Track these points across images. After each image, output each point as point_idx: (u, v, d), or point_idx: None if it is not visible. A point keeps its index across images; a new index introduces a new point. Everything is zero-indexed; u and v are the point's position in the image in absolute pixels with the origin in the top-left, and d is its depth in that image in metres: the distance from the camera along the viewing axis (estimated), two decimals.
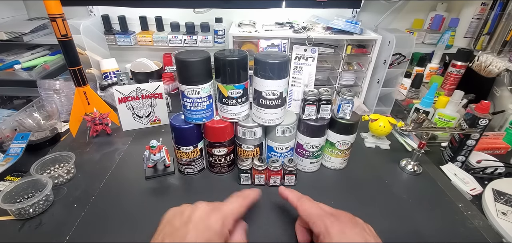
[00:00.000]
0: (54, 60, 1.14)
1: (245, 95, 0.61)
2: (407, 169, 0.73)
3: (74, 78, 0.77)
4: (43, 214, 0.57)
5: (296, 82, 0.72)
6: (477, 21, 1.14)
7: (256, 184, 0.66)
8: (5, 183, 0.68)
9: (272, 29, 1.01)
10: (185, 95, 0.59)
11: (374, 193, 0.66)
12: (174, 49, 1.23)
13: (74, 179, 0.68)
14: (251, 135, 0.64)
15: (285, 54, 0.59)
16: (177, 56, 0.56)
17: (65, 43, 0.71)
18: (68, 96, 0.97)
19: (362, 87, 1.08)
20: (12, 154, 0.74)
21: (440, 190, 0.68)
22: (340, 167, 0.73)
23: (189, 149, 0.65)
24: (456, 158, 0.77)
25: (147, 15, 1.18)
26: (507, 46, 1.02)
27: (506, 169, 0.74)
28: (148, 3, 1.16)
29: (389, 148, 0.84)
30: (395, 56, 1.04)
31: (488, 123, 0.69)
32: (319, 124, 0.65)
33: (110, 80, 1.07)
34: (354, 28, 0.96)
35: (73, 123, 0.82)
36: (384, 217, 0.60)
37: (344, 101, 0.64)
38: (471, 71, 1.06)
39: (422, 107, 0.89)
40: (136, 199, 0.63)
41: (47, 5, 0.65)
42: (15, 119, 0.84)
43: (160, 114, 0.90)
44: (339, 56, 1.01)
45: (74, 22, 1.02)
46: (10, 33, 1.05)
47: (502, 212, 0.61)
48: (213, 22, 1.17)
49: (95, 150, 0.79)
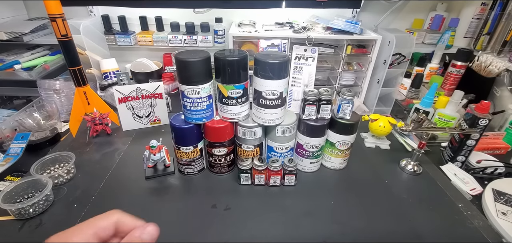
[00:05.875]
0: (54, 60, 1.14)
1: (245, 95, 0.61)
2: (407, 169, 0.73)
3: (74, 78, 0.77)
4: (43, 214, 0.58)
5: (296, 82, 0.72)
6: (477, 21, 1.14)
7: (256, 184, 0.66)
8: (5, 183, 0.68)
9: (272, 29, 1.01)
10: (185, 95, 0.59)
11: (374, 193, 0.67)
12: (174, 49, 1.23)
13: (74, 179, 0.68)
14: (251, 135, 0.64)
15: (285, 54, 0.59)
16: (177, 56, 0.56)
17: (65, 43, 0.71)
18: (68, 96, 0.97)
19: (362, 87, 1.08)
20: (12, 154, 0.74)
21: (440, 190, 0.68)
22: (340, 167, 0.73)
23: (189, 149, 0.65)
24: (456, 158, 0.77)
25: (147, 15, 1.18)
26: (507, 46, 1.02)
27: (506, 169, 0.74)
28: (148, 3, 1.16)
29: (389, 148, 0.84)
30: (395, 56, 1.04)
31: (488, 123, 0.69)
32: (319, 124, 0.65)
33: (110, 80, 1.07)
34: (354, 28, 0.96)
35: (73, 123, 0.82)
36: (384, 217, 0.60)
37: (344, 101, 0.64)
38: (471, 71, 1.06)
39: (422, 107, 0.89)
40: (136, 199, 0.63)
41: (47, 5, 0.65)
42: (15, 119, 0.84)
43: (160, 114, 0.90)
44: (339, 56, 1.01)
45: (74, 22, 1.02)
46: (10, 33, 1.05)
47: (502, 212, 0.61)
48: (213, 22, 1.17)
49: (95, 150, 0.79)
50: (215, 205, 0.61)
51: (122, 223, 0.30)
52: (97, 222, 0.29)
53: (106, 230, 0.28)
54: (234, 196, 0.64)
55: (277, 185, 0.66)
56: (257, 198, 0.64)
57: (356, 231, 0.56)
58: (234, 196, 0.64)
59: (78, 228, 0.28)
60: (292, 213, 0.60)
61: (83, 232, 0.28)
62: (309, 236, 0.55)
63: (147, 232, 0.29)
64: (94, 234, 0.28)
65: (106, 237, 0.29)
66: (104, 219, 0.29)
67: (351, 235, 0.55)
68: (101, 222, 0.29)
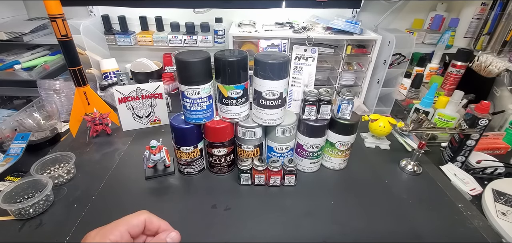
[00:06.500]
0: (54, 60, 1.14)
1: (245, 96, 0.61)
2: (407, 169, 0.73)
3: (74, 78, 0.77)
4: (43, 214, 0.58)
5: (296, 82, 0.72)
6: (477, 21, 1.14)
7: (256, 184, 0.66)
8: (5, 183, 0.68)
9: (272, 29, 1.01)
10: (185, 95, 0.59)
11: (374, 193, 0.67)
12: (174, 49, 1.22)
13: (74, 179, 0.68)
14: (251, 135, 0.64)
15: (285, 55, 0.59)
16: (177, 56, 0.56)
17: (65, 43, 0.71)
18: (68, 96, 0.97)
19: (362, 87, 1.08)
20: (12, 154, 0.74)
21: (440, 190, 0.68)
22: (340, 167, 0.73)
23: (189, 149, 0.65)
24: (456, 158, 0.77)
25: (147, 15, 1.18)
26: (507, 46, 1.02)
27: (506, 169, 0.74)
28: (148, 3, 1.16)
29: (389, 148, 0.84)
30: (395, 56, 1.04)
31: (488, 123, 0.69)
32: (319, 124, 0.65)
33: (110, 80, 1.07)
34: (354, 28, 0.96)
35: (73, 123, 0.82)
36: (384, 217, 0.60)
37: (344, 102, 0.64)
38: (471, 71, 1.06)
39: (422, 108, 0.89)
40: (136, 199, 0.63)
41: (47, 5, 0.65)
42: (15, 120, 0.84)
43: (160, 114, 0.90)
44: (339, 56, 1.01)
45: (74, 22, 1.02)
46: (10, 33, 1.05)
47: (501, 212, 0.61)
48: (213, 22, 1.17)
49: (95, 150, 0.79)
50: (215, 205, 0.61)
51: (150, 222, 0.33)
52: (130, 220, 0.32)
53: (136, 227, 0.32)
54: (234, 196, 0.64)
55: (277, 185, 0.66)
56: (257, 198, 0.64)
57: (356, 231, 0.56)
58: (234, 196, 0.64)
59: (114, 226, 0.30)
60: (292, 213, 0.60)
61: (118, 229, 0.30)
62: (309, 236, 0.55)
63: (171, 238, 0.33)
64: (127, 231, 0.31)
65: (136, 234, 0.32)
66: (135, 217, 0.32)
67: (351, 235, 0.55)
68: (133, 220, 0.32)
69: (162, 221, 0.34)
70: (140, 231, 0.32)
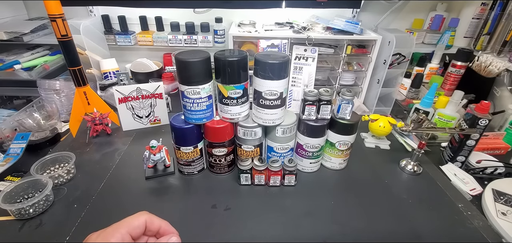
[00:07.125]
0: (54, 60, 1.14)
1: (245, 96, 0.61)
2: (407, 169, 0.73)
3: (74, 78, 0.77)
4: (43, 214, 0.58)
5: (296, 82, 0.72)
6: (477, 21, 1.14)
7: (256, 184, 0.66)
8: (5, 183, 0.68)
9: (272, 29, 1.01)
10: (185, 95, 0.59)
11: (374, 193, 0.67)
12: (174, 49, 1.22)
13: (74, 179, 0.68)
14: (251, 135, 0.64)
15: (285, 55, 0.59)
16: (177, 56, 0.56)
17: (65, 43, 0.71)
18: (68, 96, 0.97)
19: (362, 87, 1.08)
20: (12, 154, 0.74)
21: (440, 190, 0.68)
22: (340, 167, 0.73)
23: (189, 149, 0.65)
24: (456, 158, 0.77)
25: (147, 15, 1.18)
26: (507, 46, 1.02)
27: (506, 169, 0.74)
28: (148, 3, 1.16)
29: (389, 148, 0.84)
30: (395, 56, 1.04)
31: (488, 123, 0.69)
32: (319, 124, 0.65)
33: (110, 80, 1.07)
34: (354, 28, 0.96)
35: (73, 123, 0.82)
36: (384, 217, 0.60)
37: (344, 102, 0.64)
38: (471, 71, 1.06)
39: (422, 108, 0.89)
40: (136, 199, 0.63)
41: (47, 5, 0.65)
42: (15, 120, 0.84)
43: (160, 114, 0.90)
44: (339, 56, 1.01)
45: (74, 22, 1.02)
46: (10, 33, 1.05)
47: (501, 212, 0.61)
48: (213, 22, 1.17)
49: (95, 150, 0.79)
50: (215, 205, 0.61)
51: (150, 222, 0.33)
52: (131, 221, 0.32)
53: (137, 229, 0.32)
54: (234, 196, 0.64)
55: (277, 185, 0.66)
56: (257, 198, 0.64)
57: (356, 231, 0.56)
58: (234, 196, 0.64)
59: (115, 228, 0.31)
60: (292, 213, 0.60)
61: (119, 231, 0.30)
62: (309, 236, 0.55)
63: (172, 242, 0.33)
64: (128, 233, 0.31)
65: (137, 236, 0.32)
66: (136, 219, 0.32)
67: (351, 235, 0.55)
68: (134, 221, 0.32)
69: (162, 221, 0.34)
70: (141, 232, 0.32)
